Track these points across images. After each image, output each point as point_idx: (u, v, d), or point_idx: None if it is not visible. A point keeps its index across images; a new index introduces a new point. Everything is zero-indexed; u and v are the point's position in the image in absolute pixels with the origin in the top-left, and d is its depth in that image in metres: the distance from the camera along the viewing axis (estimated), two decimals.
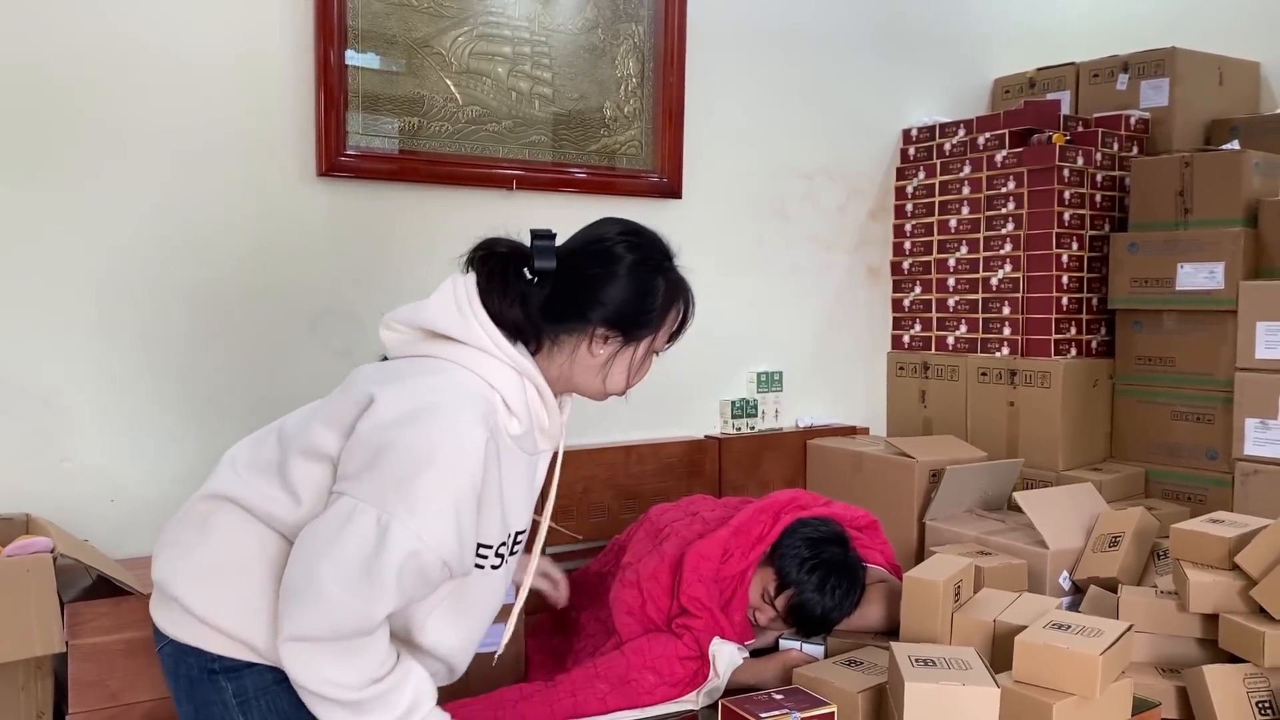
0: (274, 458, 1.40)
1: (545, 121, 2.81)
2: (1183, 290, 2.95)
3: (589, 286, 1.44)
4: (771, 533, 1.97)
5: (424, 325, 1.41)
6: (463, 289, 1.42)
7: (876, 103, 3.49)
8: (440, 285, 1.45)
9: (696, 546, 1.95)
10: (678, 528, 2.06)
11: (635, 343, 1.50)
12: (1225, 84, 3.42)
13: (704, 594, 1.93)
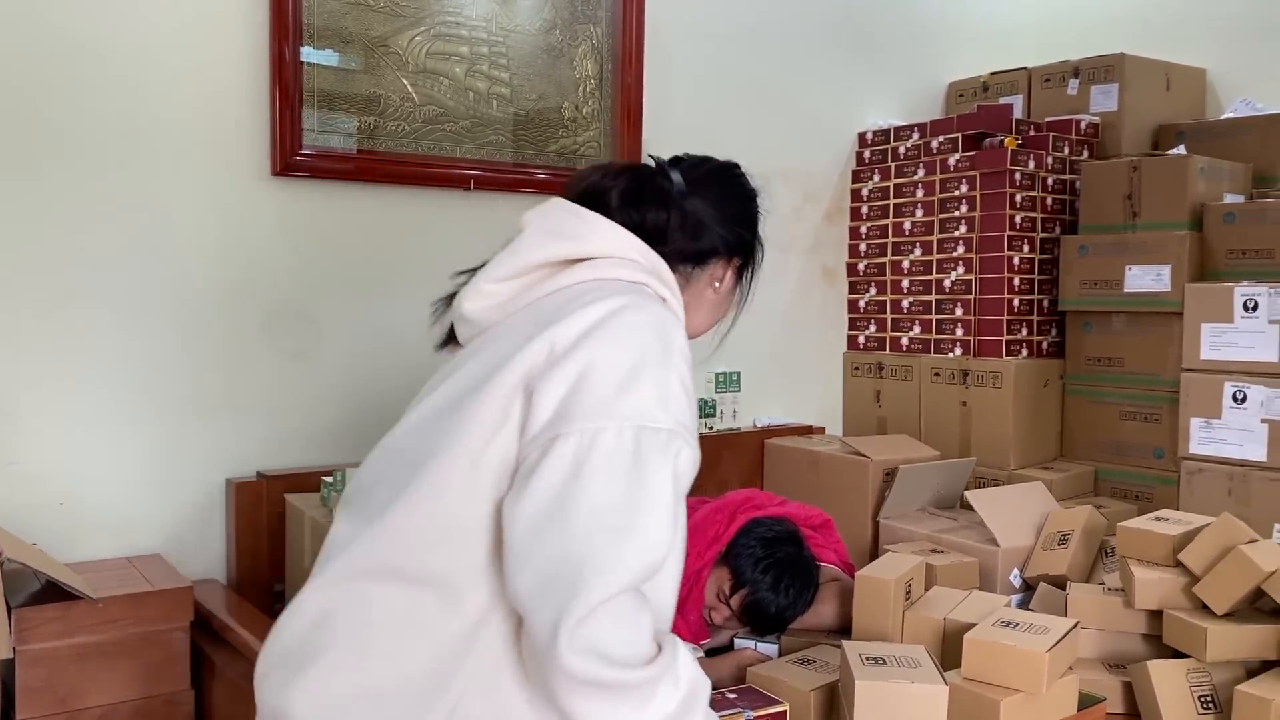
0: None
1: (503, 122, 2.81)
2: (1131, 292, 3.01)
3: (731, 211, 1.41)
4: (727, 532, 1.98)
5: (548, 259, 1.26)
6: (568, 211, 1.30)
7: (832, 105, 3.52)
8: (534, 219, 1.33)
9: None
10: None
11: (744, 281, 1.49)
12: (1172, 90, 3.49)
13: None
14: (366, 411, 2.63)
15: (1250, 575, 2.05)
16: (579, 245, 1.26)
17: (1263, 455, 2.71)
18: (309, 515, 2.21)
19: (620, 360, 1.11)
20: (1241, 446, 2.75)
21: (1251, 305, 2.73)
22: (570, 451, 1.06)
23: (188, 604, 2.03)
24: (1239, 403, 2.75)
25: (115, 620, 1.93)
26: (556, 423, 1.08)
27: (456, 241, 2.76)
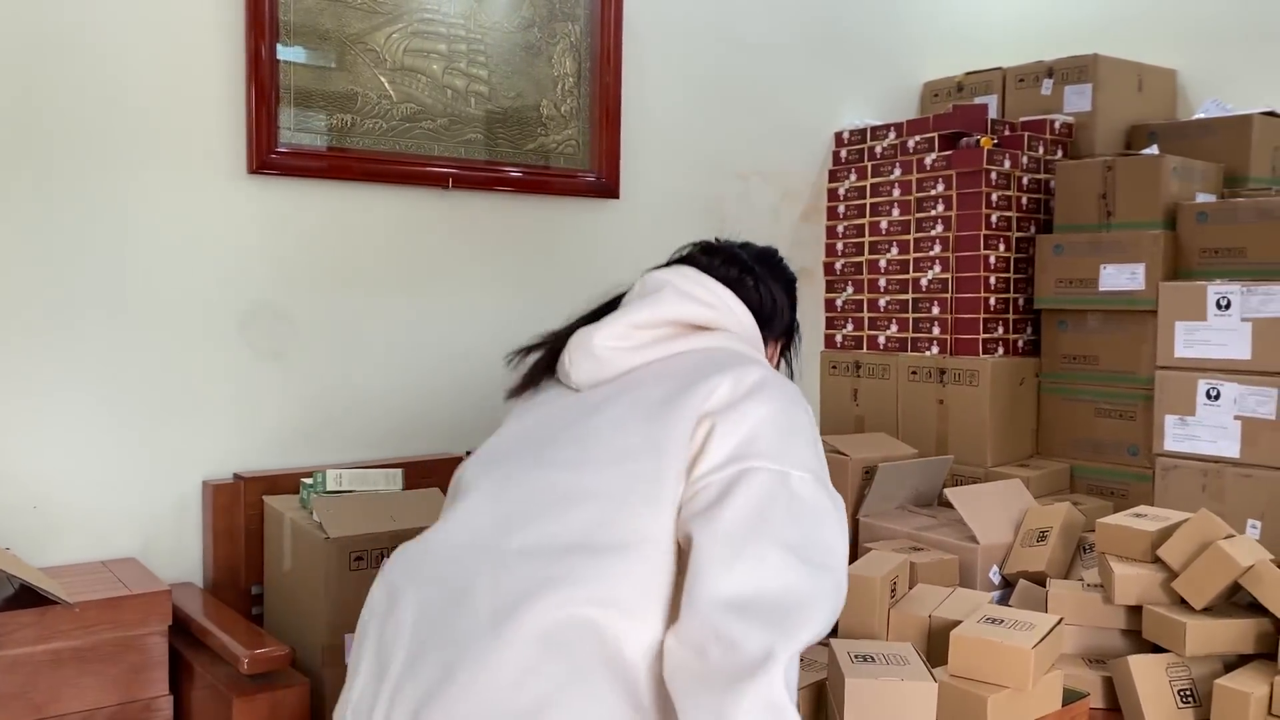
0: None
1: (481, 119, 2.79)
2: (1106, 291, 3.03)
3: (781, 297, 1.61)
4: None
5: (681, 318, 1.41)
6: (701, 279, 1.46)
7: (809, 105, 3.53)
8: (672, 279, 1.47)
9: None
10: None
11: (787, 359, 1.73)
12: (1144, 90, 3.52)
13: None
14: (344, 412, 2.61)
15: (1228, 570, 2.07)
16: (712, 314, 1.42)
17: (1236, 452, 2.74)
18: (289, 517, 2.19)
19: (789, 416, 1.28)
20: (1215, 443, 2.78)
21: (1224, 303, 2.76)
22: (763, 482, 1.17)
23: (166, 608, 2.00)
24: (1213, 400, 2.78)
25: (92, 625, 1.90)
26: (741, 458, 1.19)
27: (434, 240, 2.75)
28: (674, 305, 1.41)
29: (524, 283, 2.90)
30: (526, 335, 2.94)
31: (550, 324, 2.96)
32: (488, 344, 2.83)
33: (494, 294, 2.85)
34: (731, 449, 1.21)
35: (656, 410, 1.27)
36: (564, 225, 2.97)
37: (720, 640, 1.07)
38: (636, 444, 1.25)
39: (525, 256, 2.90)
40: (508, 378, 2.88)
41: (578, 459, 1.27)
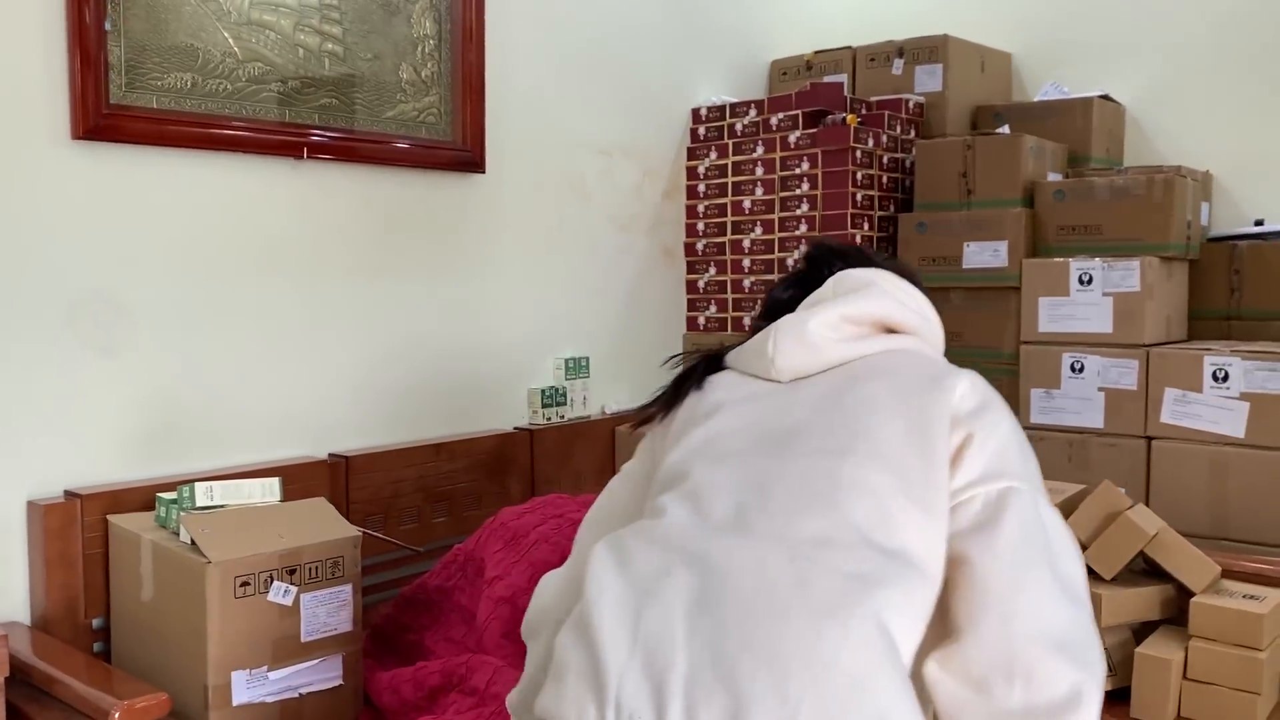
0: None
1: (337, 83, 2.51)
2: (969, 268, 3.08)
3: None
4: None
5: (886, 318, 1.31)
6: (900, 283, 1.37)
7: (665, 80, 3.41)
8: (876, 280, 1.35)
9: None
10: (546, 533, 1.88)
11: None
12: (986, 72, 3.62)
13: None
14: (194, 415, 2.28)
15: (1135, 539, 2.12)
16: (915, 320, 1.35)
17: (1100, 422, 2.85)
18: (147, 539, 1.88)
19: (1021, 434, 1.21)
20: (1080, 414, 2.88)
21: (1086, 279, 2.86)
22: (1027, 505, 1.08)
23: (1, 658, 1.66)
24: (1077, 373, 2.88)
25: None
26: (999, 474, 1.11)
27: (288, 216, 2.45)
28: (883, 304, 1.30)
29: (385, 264, 2.64)
30: (392, 321, 2.70)
31: (415, 309, 2.74)
32: (350, 331, 2.57)
33: (354, 276, 2.58)
34: (987, 462, 1.11)
35: (912, 405, 1.13)
36: (427, 201, 2.73)
37: (1021, 675, 0.95)
38: (899, 440, 1.11)
39: (387, 235, 2.64)
40: (379, 367, 2.64)
41: (840, 447, 1.13)
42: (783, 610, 1.00)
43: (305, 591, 1.83)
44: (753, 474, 1.15)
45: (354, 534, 1.90)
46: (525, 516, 1.96)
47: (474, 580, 1.94)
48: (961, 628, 1.03)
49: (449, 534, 2.68)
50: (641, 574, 1.08)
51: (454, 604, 1.95)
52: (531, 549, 1.85)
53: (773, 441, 1.17)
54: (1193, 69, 3.41)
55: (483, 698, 1.58)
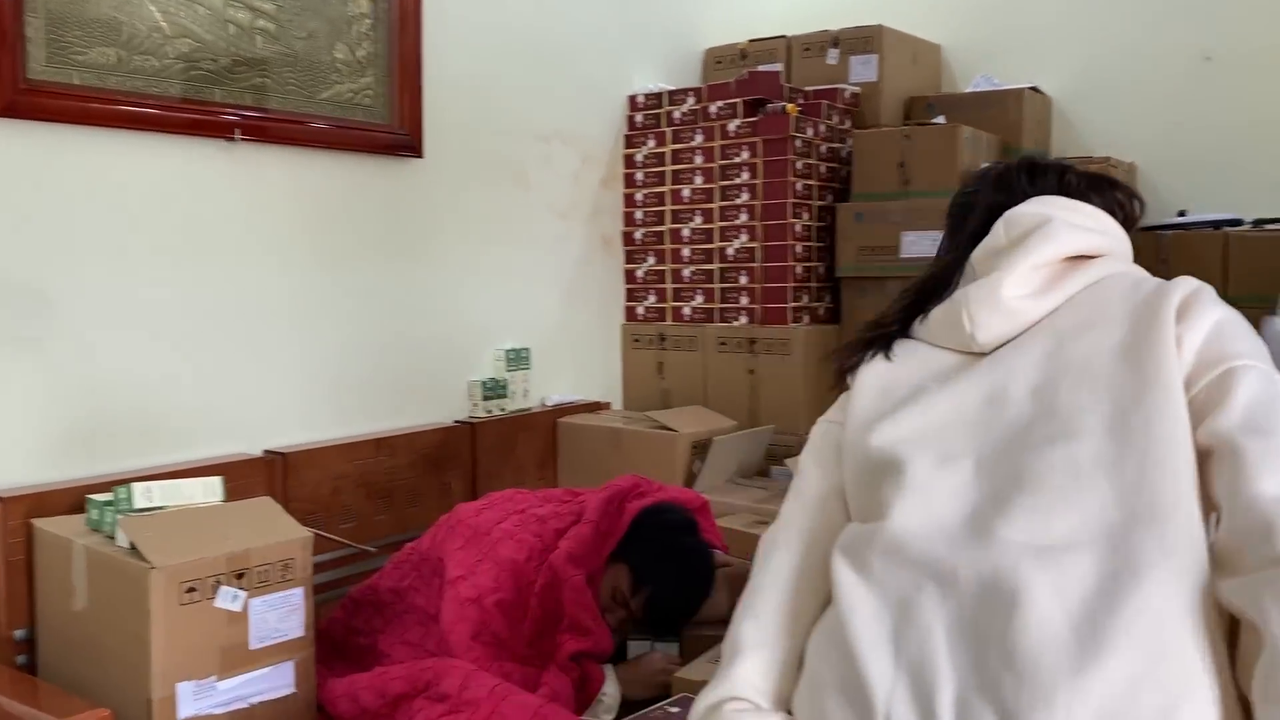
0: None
1: (269, 62, 2.39)
2: (908, 258, 3.10)
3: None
4: (619, 525, 1.79)
5: (1078, 250, 1.21)
6: (1078, 205, 1.27)
7: (602, 66, 3.36)
8: (1052, 212, 1.23)
9: (565, 551, 1.72)
10: (509, 529, 1.82)
11: None
12: (918, 63, 3.65)
13: (592, 603, 1.72)
14: (122, 410, 2.15)
15: None
16: (1102, 241, 1.25)
17: None
18: (80, 544, 1.76)
19: (1240, 317, 1.14)
20: None
21: None
22: (1258, 378, 1.05)
23: None
24: None
25: None
26: (1225, 358, 1.06)
27: (220, 201, 2.34)
28: (1069, 239, 1.21)
29: (321, 252, 2.54)
30: (328, 311, 2.59)
31: (353, 298, 2.63)
32: (285, 322, 2.47)
33: (288, 264, 2.47)
34: (1213, 351, 1.08)
35: (1131, 350, 1.08)
36: (364, 186, 2.63)
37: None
38: (1128, 397, 1.06)
39: (322, 221, 2.54)
40: (316, 359, 2.53)
41: (1068, 430, 1.06)
42: (1041, 622, 0.96)
43: (255, 596, 1.74)
44: (983, 473, 1.08)
45: (305, 534, 1.82)
46: (485, 513, 1.90)
47: (430, 580, 1.87)
48: (1226, 508, 1.01)
49: (391, 532, 2.59)
50: (890, 591, 1.03)
51: (409, 605, 1.87)
52: (495, 546, 1.79)
53: (996, 433, 1.10)
54: (1117, 63, 3.49)
55: (456, 704, 1.51)
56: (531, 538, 1.79)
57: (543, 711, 1.44)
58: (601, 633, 1.70)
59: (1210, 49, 3.32)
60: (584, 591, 1.71)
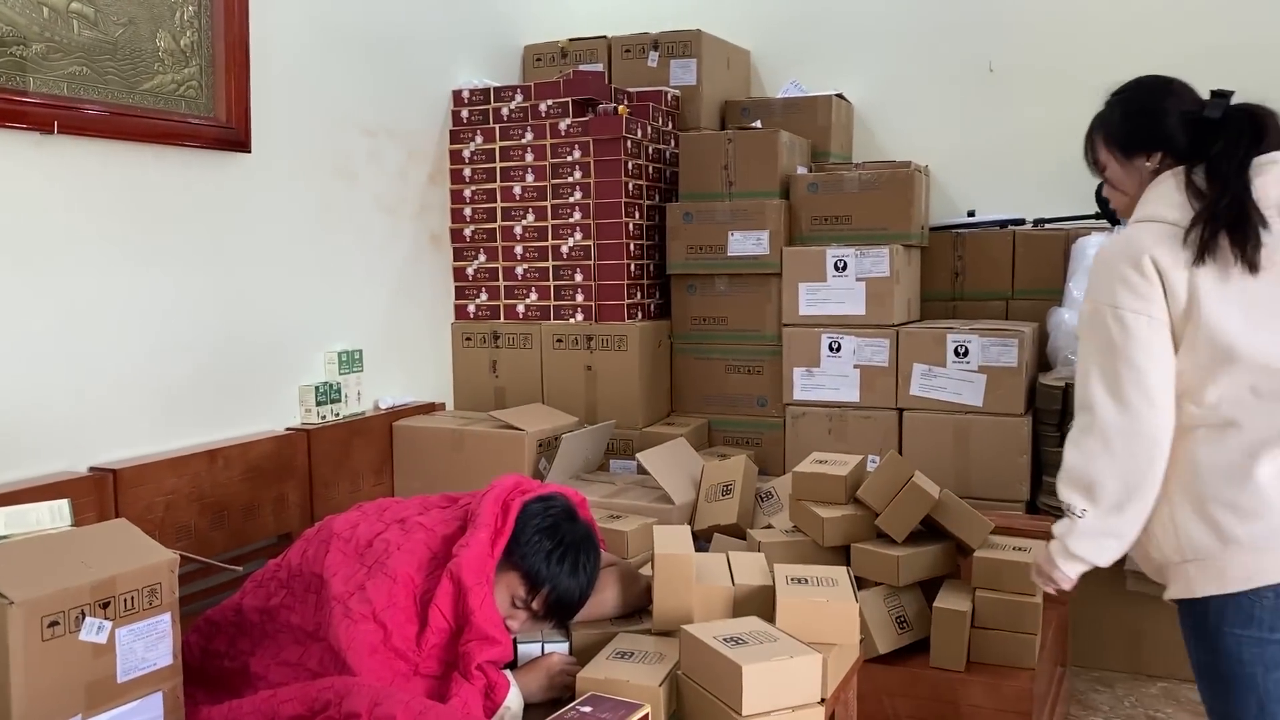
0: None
1: (87, 49, 2.22)
2: (734, 255, 3.23)
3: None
4: (505, 526, 1.78)
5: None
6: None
7: (425, 60, 3.30)
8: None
9: (466, 559, 1.69)
10: (395, 540, 1.77)
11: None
12: (731, 68, 3.80)
13: (498, 613, 1.69)
14: None
15: (923, 504, 2.33)
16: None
17: (856, 397, 3.09)
18: None
19: None
20: (838, 390, 3.11)
21: (841, 265, 3.08)
22: None
23: None
24: (835, 352, 3.10)
25: None
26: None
27: (34, 197, 2.15)
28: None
29: (143, 251, 2.38)
30: (152, 314, 2.41)
31: (178, 300, 2.46)
32: (106, 327, 2.31)
33: (109, 264, 2.30)
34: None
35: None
36: (189, 182, 2.48)
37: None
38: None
39: (144, 219, 2.38)
40: (140, 367, 2.35)
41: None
42: None
43: (120, 625, 1.61)
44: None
45: (170, 556, 1.70)
46: (361, 525, 1.83)
47: (305, 597, 1.79)
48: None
49: (227, 548, 2.48)
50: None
51: (282, 624, 1.79)
52: (382, 559, 1.73)
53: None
54: (912, 72, 3.76)
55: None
56: (421, 547, 1.75)
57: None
58: (507, 641, 1.69)
59: (994, 60, 3.63)
60: (492, 602, 1.69)
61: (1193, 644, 1.60)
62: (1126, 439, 1.54)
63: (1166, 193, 1.60)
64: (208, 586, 2.38)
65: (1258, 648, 1.51)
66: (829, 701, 1.68)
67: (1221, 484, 1.53)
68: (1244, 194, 1.54)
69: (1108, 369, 1.55)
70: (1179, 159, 1.62)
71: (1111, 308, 1.55)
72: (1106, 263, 1.59)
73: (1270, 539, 1.50)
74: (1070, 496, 1.60)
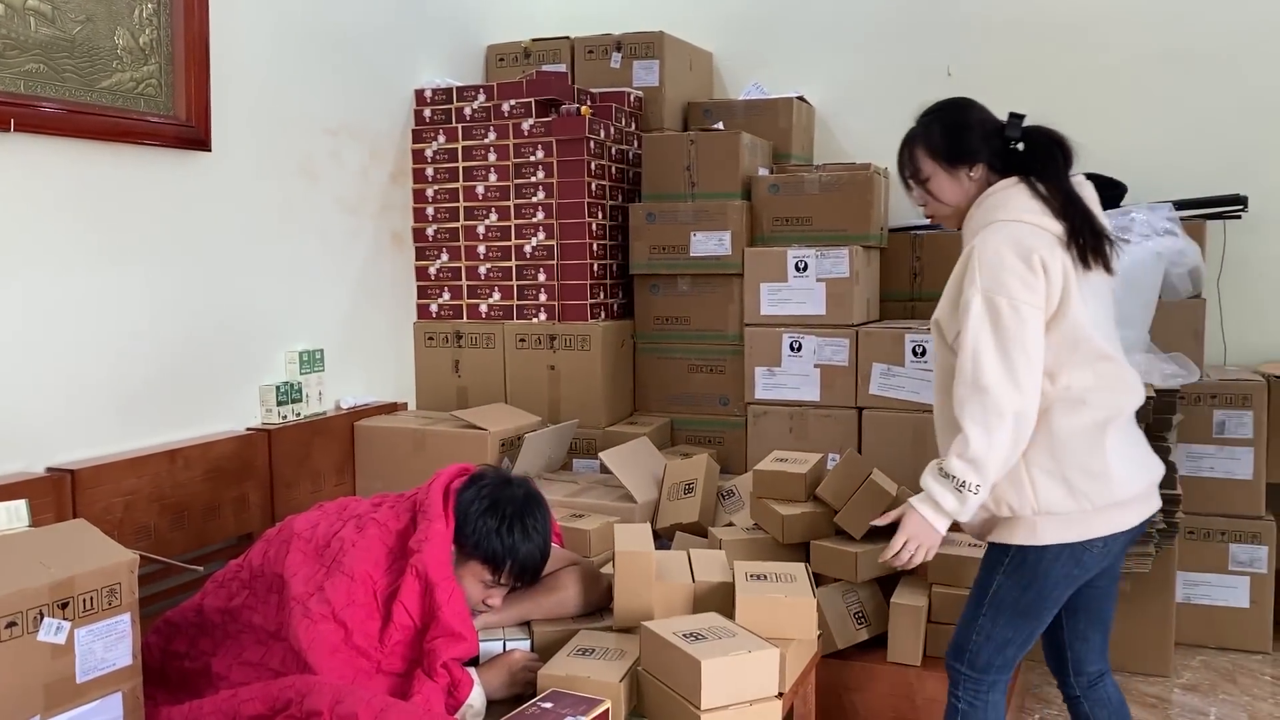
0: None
1: (45, 46, 2.20)
2: (696, 256, 3.26)
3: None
4: (447, 511, 1.78)
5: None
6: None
7: (387, 59, 3.29)
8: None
9: (430, 555, 1.69)
10: (350, 538, 1.77)
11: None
12: (694, 70, 3.82)
13: (466, 607, 1.70)
14: None
15: (881, 501, 2.36)
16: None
17: (817, 396, 3.12)
18: None
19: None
20: (799, 389, 3.14)
21: (802, 266, 3.12)
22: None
23: None
24: (795, 351, 3.14)
25: None
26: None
27: None
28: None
29: (102, 251, 2.36)
30: (111, 314, 2.39)
31: (137, 300, 2.44)
32: (64, 326, 2.29)
33: (67, 264, 2.28)
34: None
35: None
36: (148, 181, 2.46)
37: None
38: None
39: (104, 218, 2.36)
40: (99, 366, 2.33)
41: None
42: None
43: (79, 626, 1.61)
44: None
45: (130, 556, 1.70)
46: (320, 525, 1.83)
47: (266, 597, 1.79)
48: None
49: (188, 548, 2.47)
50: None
51: (245, 624, 1.79)
52: (340, 557, 1.73)
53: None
54: (872, 75, 3.80)
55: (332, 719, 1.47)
56: (376, 544, 1.76)
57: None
58: (473, 637, 1.70)
59: (953, 64, 3.68)
60: (460, 597, 1.70)
61: (1007, 580, 1.80)
62: (1020, 420, 1.72)
63: (1024, 200, 1.80)
64: (168, 587, 2.37)
65: (1069, 586, 1.79)
66: (787, 696, 1.71)
67: (1078, 451, 1.75)
68: (1088, 206, 1.80)
69: (1004, 355, 1.71)
70: (995, 171, 1.86)
71: (1008, 299, 1.71)
72: (1000, 257, 1.74)
73: (1110, 499, 1.76)
74: (968, 474, 1.72)
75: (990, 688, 1.86)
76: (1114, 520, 1.76)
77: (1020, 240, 1.74)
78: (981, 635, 1.83)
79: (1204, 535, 3.15)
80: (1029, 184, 1.80)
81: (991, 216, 1.80)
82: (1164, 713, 2.78)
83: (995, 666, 1.84)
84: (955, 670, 1.88)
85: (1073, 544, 1.75)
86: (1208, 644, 3.17)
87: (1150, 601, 2.99)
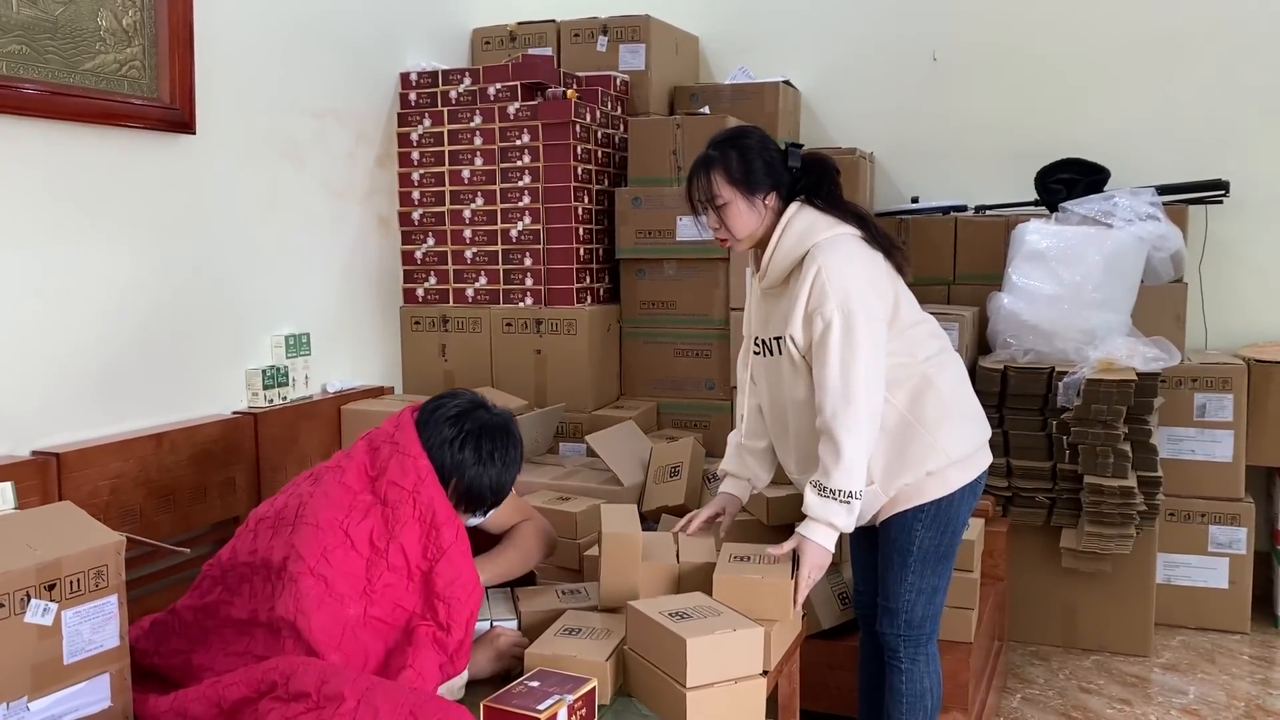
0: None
1: (26, 27, 2.19)
2: (683, 241, 3.26)
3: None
4: (413, 445, 1.76)
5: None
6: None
7: (373, 42, 3.28)
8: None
9: (431, 497, 1.68)
10: (305, 491, 1.71)
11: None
12: (680, 54, 3.82)
13: (469, 552, 1.70)
14: None
15: None
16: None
17: None
18: None
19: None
20: None
21: None
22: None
23: None
24: None
25: None
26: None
27: None
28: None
29: (87, 234, 2.35)
30: (96, 297, 2.39)
31: (122, 283, 2.44)
32: (49, 309, 2.29)
33: (51, 246, 2.27)
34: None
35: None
36: (132, 163, 2.45)
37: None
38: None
39: (88, 201, 2.35)
40: (84, 350, 2.33)
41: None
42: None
43: (66, 608, 1.61)
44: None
45: (117, 539, 1.70)
46: (278, 500, 1.80)
47: (239, 587, 1.77)
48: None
49: (175, 531, 2.47)
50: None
51: (223, 619, 1.76)
52: (302, 515, 1.69)
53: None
54: (858, 60, 3.81)
55: (317, 701, 1.47)
56: (335, 488, 1.68)
57: (416, 700, 1.44)
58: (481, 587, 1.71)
59: (938, 50, 3.69)
60: (467, 538, 1.69)
61: (927, 533, 1.93)
62: (875, 418, 1.86)
63: (825, 218, 1.93)
64: (155, 570, 2.38)
65: (969, 515, 2.01)
66: (772, 674, 1.73)
67: (960, 400, 1.97)
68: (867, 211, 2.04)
69: (866, 365, 1.83)
70: (781, 199, 1.96)
71: (866, 314, 1.84)
72: (860, 274, 1.87)
73: (987, 431, 2.04)
74: (850, 482, 1.81)
75: (928, 639, 2.01)
76: (988, 447, 2.02)
77: (856, 254, 1.89)
78: (913, 591, 1.96)
79: (1184, 517, 3.19)
80: (815, 205, 1.93)
81: (810, 239, 1.90)
82: (1144, 691, 2.82)
83: (929, 617, 1.99)
84: (893, 638, 2.00)
85: (974, 479, 1.96)
86: (1187, 624, 3.21)
87: (1130, 582, 3.02)
